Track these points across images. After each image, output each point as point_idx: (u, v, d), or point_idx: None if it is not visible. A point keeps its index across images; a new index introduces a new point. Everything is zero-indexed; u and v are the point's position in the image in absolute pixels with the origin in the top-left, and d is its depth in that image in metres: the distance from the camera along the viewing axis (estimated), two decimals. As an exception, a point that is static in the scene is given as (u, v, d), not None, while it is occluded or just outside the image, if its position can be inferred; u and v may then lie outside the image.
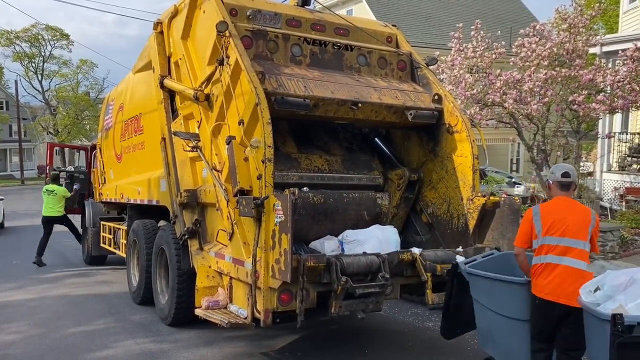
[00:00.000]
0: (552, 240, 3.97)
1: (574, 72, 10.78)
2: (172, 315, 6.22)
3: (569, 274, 3.87)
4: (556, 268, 3.91)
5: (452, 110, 5.74)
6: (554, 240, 3.96)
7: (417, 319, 6.84)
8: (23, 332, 6.37)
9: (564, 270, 3.89)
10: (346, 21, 6.18)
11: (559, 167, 4.23)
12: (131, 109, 8.30)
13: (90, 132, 51.49)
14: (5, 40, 51.93)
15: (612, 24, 26.50)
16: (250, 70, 4.79)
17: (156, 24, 6.89)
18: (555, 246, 3.94)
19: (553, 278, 3.90)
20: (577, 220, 3.98)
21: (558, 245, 3.94)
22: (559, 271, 3.89)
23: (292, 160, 5.65)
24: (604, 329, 3.32)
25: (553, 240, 3.96)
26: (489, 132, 13.92)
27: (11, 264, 11.34)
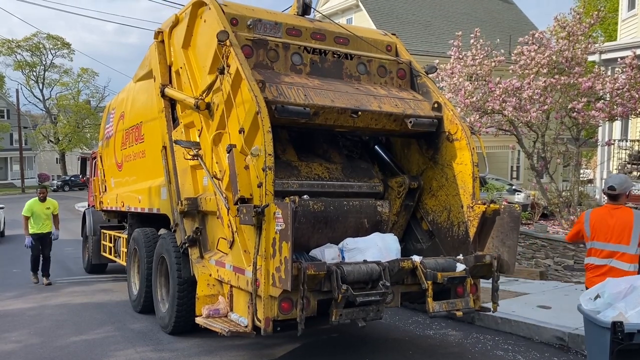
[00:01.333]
0: (599, 245, 4.65)
1: (573, 79, 10.82)
2: (172, 323, 6.21)
3: (614, 273, 4.41)
4: (603, 267, 4.58)
5: (452, 118, 5.76)
6: (600, 245, 4.64)
7: (417, 327, 6.83)
8: (23, 341, 6.36)
9: (609, 270, 4.52)
10: (346, 30, 6.21)
11: (608, 180, 4.83)
12: (132, 118, 8.33)
13: (91, 140, 51.61)
14: (6, 49, 52.21)
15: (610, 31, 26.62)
16: (250, 79, 4.82)
17: (157, 33, 6.93)
18: (602, 251, 4.63)
19: (600, 275, 4.51)
20: (618, 226, 4.56)
21: (604, 250, 4.61)
22: (605, 270, 4.54)
23: (292, 168, 5.66)
24: (604, 337, 3.33)
25: (599, 245, 4.64)
26: (489, 139, 13.96)
27: (11, 272, 11.33)
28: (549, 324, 6.13)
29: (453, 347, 6.06)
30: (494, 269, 5.19)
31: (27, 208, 9.90)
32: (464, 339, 6.30)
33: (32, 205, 9.91)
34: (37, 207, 9.90)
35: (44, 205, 9.94)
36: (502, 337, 6.28)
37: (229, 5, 5.62)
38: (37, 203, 9.93)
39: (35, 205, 9.92)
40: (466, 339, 6.29)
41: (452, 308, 4.94)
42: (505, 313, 6.51)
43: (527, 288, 8.02)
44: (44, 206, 9.93)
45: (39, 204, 9.93)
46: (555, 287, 8.31)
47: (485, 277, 5.38)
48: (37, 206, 9.91)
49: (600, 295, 3.59)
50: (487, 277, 5.33)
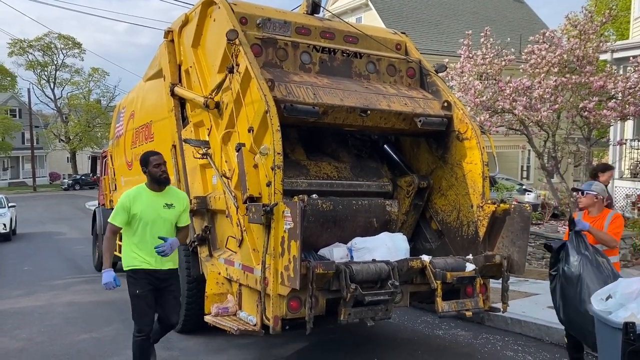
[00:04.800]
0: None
1: (585, 78, 10.72)
2: (181, 322, 6.23)
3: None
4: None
5: (462, 117, 5.73)
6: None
7: (426, 327, 6.80)
8: (33, 338, 6.41)
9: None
10: (355, 29, 6.20)
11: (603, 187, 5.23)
12: (142, 117, 8.36)
13: (101, 139, 51.99)
14: (18, 49, 52.71)
15: (622, 30, 26.36)
16: (259, 78, 4.82)
17: (167, 33, 6.96)
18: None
19: None
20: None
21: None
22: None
23: (301, 167, 5.66)
24: (615, 338, 3.29)
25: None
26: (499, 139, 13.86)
27: (22, 270, 11.44)
28: (560, 324, 6.08)
29: (462, 347, 6.03)
30: (503, 269, 5.16)
31: (121, 205, 4.61)
32: (474, 339, 6.27)
33: (138, 196, 4.66)
34: (148, 201, 4.65)
35: (162, 198, 4.68)
36: (512, 338, 6.24)
37: (238, 5, 5.63)
38: (146, 193, 4.69)
39: (144, 197, 4.66)
40: (476, 339, 6.26)
41: (462, 308, 4.91)
42: (515, 313, 6.46)
43: (537, 288, 7.97)
44: (162, 200, 4.68)
45: (152, 195, 4.68)
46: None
47: (495, 277, 5.35)
48: (147, 199, 4.66)
49: (612, 295, 3.55)
50: (496, 277, 5.30)
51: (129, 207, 4.59)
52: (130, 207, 4.59)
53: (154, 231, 4.61)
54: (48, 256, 13.35)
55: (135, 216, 4.59)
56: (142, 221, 4.60)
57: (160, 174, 4.66)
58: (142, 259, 4.61)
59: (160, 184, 4.71)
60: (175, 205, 4.74)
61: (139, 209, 4.60)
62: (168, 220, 4.70)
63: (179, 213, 4.77)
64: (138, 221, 4.60)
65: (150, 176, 4.68)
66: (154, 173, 4.66)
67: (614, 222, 4.92)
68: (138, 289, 4.61)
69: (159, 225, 4.64)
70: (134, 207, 4.60)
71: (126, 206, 4.60)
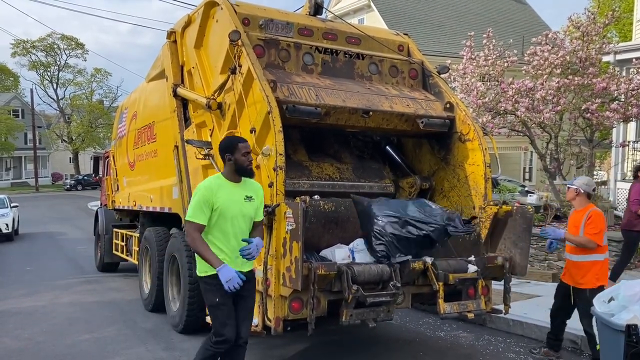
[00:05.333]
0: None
1: (587, 80, 10.71)
2: (183, 322, 6.24)
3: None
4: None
5: (464, 118, 5.72)
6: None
7: (428, 329, 6.80)
8: (35, 338, 6.42)
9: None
10: (358, 30, 6.20)
11: (592, 181, 5.35)
12: (144, 117, 8.37)
13: (103, 140, 52.09)
14: (21, 50, 52.85)
15: (625, 32, 26.33)
16: (262, 79, 4.83)
17: (170, 33, 6.97)
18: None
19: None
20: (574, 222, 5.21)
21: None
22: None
23: (303, 168, 5.66)
24: (618, 340, 3.29)
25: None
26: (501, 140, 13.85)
27: (24, 270, 11.46)
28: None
29: (464, 349, 6.02)
30: (505, 271, 5.15)
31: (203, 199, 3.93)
32: (476, 341, 6.26)
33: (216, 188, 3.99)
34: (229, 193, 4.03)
35: (242, 190, 4.09)
36: (514, 340, 6.23)
37: (240, 5, 5.63)
38: (226, 184, 4.05)
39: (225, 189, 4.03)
40: (477, 341, 6.25)
41: (464, 310, 4.90)
42: (517, 315, 6.45)
43: (539, 290, 7.95)
44: (242, 192, 4.09)
45: (232, 186, 4.06)
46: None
47: (497, 279, 5.34)
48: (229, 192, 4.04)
49: (614, 297, 3.54)
50: (499, 278, 5.28)
51: (212, 201, 3.91)
52: (213, 201, 3.91)
53: (235, 229, 3.98)
54: (50, 256, 13.37)
55: (216, 211, 3.93)
56: (223, 217, 3.94)
57: (248, 164, 4.06)
58: (226, 261, 3.91)
59: (246, 176, 4.12)
60: (255, 198, 4.14)
61: (221, 202, 3.93)
62: (248, 216, 4.07)
63: (257, 206, 4.17)
64: (218, 217, 3.94)
65: (236, 165, 4.03)
66: (242, 162, 4.02)
67: (590, 224, 5.03)
68: (218, 297, 3.95)
69: (240, 222, 4.01)
70: (216, 200, 3.92)
71: (208, 200, 3.90)
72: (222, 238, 3.96)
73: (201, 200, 3.91)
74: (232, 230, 3.96)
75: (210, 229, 3.95)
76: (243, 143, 4.09)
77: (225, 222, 3.94)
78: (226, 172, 4.10)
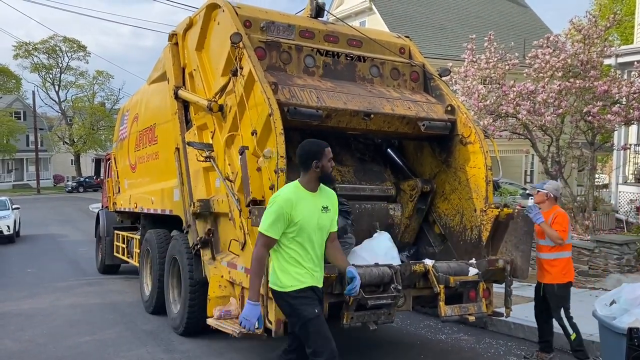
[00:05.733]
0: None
1: (589, 83, 10.70)
2: (184, 324, 6.23)
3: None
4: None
5: (465, 121, 5.72)
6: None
7: (429, 331, 6.78)
8: (35, 340, 6.42)
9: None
10: (359, 32, 6.20)
11: (560, 186, 5.64)
12: (146, 120, 8.38)
13: (105, 142, 52.12)
14: (23, 52, 52.93)
15: (627, 35, 26.32)
16: (263, 81, 4.83)
17: (171, 36, 6.98)
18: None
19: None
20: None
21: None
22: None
23: (304, 171, 5.65)
24: (620, 343, 3.28)
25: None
26: (503, 143, 13.84)
27: (25, 272, 11.46)
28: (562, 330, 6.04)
29: (465, 352, 6.01)
30: (507, 274, 5.15)
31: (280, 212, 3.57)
32: (476, 344, 6.24)
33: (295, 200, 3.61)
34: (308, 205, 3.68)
35: (318, 200, 3.75)
36: (515, 343, 6.22)
37: (242, 8, 5.64)
38: (305, 194, 3.69)
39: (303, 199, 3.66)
40: (478, 344, 6.24)
41: (465, 312, 4.89)
42: (519, 318, 6.44)
43: (540, 293, 7.92)
44: (319, 201, 3.74)
45: (310, 197, 3.70)
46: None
47: (498, 282, 5.33)
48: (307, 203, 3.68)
49: (615, 300, 3.53)
50: (500, 281, 5.28)
51: (291, 215, 3.55)
52: (292, 215, 3.55)
53: (313, 242, 3.65)
54: (51, 258, 13.38)
55: (296, 226, 3.57)
56: (302, 231, 3.59)
57: (331, 171, 3.72)
58: (308, 274, 3.61)
59: (328, 184, 3.79)
60: (330, 208, 3.76)
61: (302, 217, 3.57)
62: (325, 228, 3.72)
63: (332, 217, 3.78)
64: (297, 231, 3.58)
65: (321, 172, 3.64)
66: (327, 169, 3.65)
67: (556, 224, 5.32)
68: (316, 308, 3.60)
69: (317, 234, 3.67)
70: (295, 213, 3.55)
71: (286, 213, 3.54)
72: (300, 252, 3.63)
73: (279, 213, 3.53)
74: (310, 244, 3.64)
75: (289, 242, 3.61)
76: (328, 147, 3.73)
77: (304, 235, 3.61)
78: (306, 181, 3.66)
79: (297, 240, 3.60)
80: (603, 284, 8.72)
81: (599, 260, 9.26)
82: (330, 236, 3.80)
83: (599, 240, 9.39)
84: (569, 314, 5.37)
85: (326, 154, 3.67)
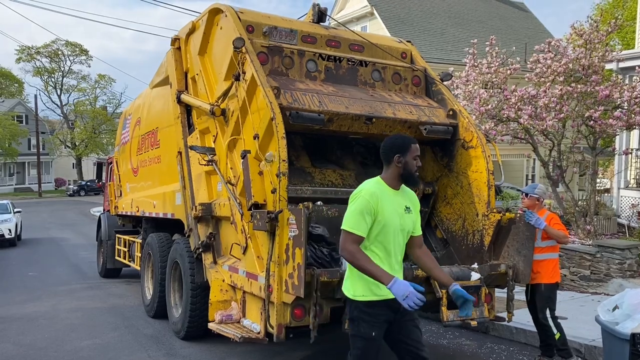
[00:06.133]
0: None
1: (590, 88, 10.70)
2: (185, 328, 6.22)
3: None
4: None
5: (467, 125, 5.73)
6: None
7: (431, 336, 6.77)
8: (36, 344, 6.41)
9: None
10: (361, 37, 6.22)
11: (547, 189, 5.52)
12: (148, 124, 8.40)
13: (106, 146, 52.22)
14: (26, 56, 53.11)
15: (628, 39, 26.35)
16: (265, 86, 4.84)
17: (174, 40, 7.00)
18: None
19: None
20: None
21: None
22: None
23: (306, 175, 5.66)
24: (623, 349, 3.26)
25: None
26: (504, 147, 13.84)
27: (27, 275, 11.46)
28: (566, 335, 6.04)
29: (467, 356, 5.99)
30: (509, 278, 5.14)
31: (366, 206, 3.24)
32: (478, 348, 6.23)
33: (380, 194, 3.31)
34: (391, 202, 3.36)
35: (401, 199, 3.44)
36: (517, 348, 6.20)
37: (245, 13, 5.66)
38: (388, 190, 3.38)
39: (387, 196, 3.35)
40: (480, 348, 6.22)
41: (467, 317, 4.89)
42: (521, 323, 6.42)
43: (542, 298, 7.91)
44: (402, 200, 3.43)
45: (393, 194, 3.39)
46: (572, 298, 8.19)
47: (500, 287, 5.32)
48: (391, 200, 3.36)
49: (618, 306, 3.52)
50: (502, 286, 5.27)
51: (376, 210, 3.23)
52: (377, 210, 3.23)
53: (395, 244, 3.33)
54: (53, 262, 13.38)
55: (379, 223, 3.24)
56: (385, 231, 3.27)
57: (416, 170, 3.40)
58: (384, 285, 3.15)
59: (411, 184, 3.44)
60: (412, 210, 3.44)
61: (386, 214, 3.25)
62: (406, 230, 3.38)
63: (415, 219, 3.47)
64: (380, 230, 3.26)
65: (404, 169, 3.34)
66: (412, 167, 3.35)
67: (556, 224, 5.35)
68: (375, 331, 3.33)
69: (399, 236, 3.34)
70: (380, 210, 3.24)
71: (372, 208, 3.22)
72: (381, 255, 3.28)
73: (364, 208, 3.21)
74: (392, 246, 3.32)
75: (370, 242, 3.26)
76: (415, 144, 3.41)
77: (387, 236, 3.28)
78: (388, 177, 3.37)
79: (379, 241, 3.27)
80: (605, 289, 8.70)
81: (601, 265, 9.24)
82: (417, 241, 3.48)
83: (601, 245, 9.38)
84: (553, 314, 5.41)
85: (412, 150, 3.36)
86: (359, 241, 3.21)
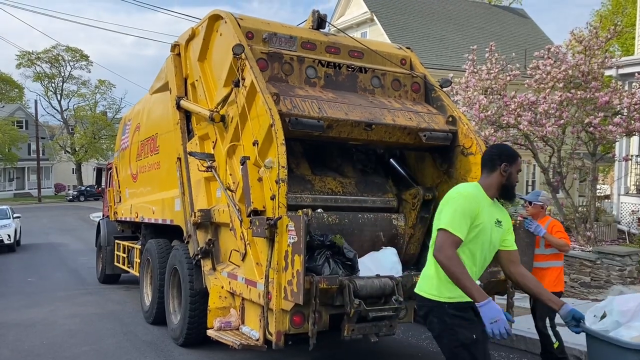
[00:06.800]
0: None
1: (590, 94, 10.71)
2: (184, 335, 6.20)
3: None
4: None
5: (467, 132, 5.72)
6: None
7: (431, 343, 6.73)
8: (34, 350, 6.38)
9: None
10: (360, 44, 6.23)
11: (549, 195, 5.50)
12: (148, 129, 8.40)
13: (106, 151, 52.26)
14: (26, 61, 53.21)
15: (628, 46, 26.43)
16: (265, 92, 4.84)
17: (174, 46, 7.01)
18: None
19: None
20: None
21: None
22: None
23: (305, 182, 5.65)
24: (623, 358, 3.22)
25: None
26: (504, 154, 13.80)
27: (26, 281, 11.43)
28: (565, 342, 5.98)
29: (467, 364, 5.95)
30: (509, 285, 5.12)
31: (468, 208, 3.08)
32: (478, 356, 6.19)
33: (480, 198, 3.17)
34: (488, 210, 3.20)
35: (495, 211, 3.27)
36: (517, 355, 6.17)
37: (244, 19, 5.67)
38: (485, 198, 3.21)
39: (484, 203, 3.19)
40: (480, 356, 6.18)
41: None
42: (520, 330, 6.40)
43: (542, 305, 7.89)
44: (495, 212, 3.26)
45: (489, 204, 3.23)
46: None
47: (500, 293, 5.30)
48: (488, 208, 3.20)
49: (607, 313, 3.48)
50: (502, 293, 5.26)
51: (476, 213, 3.06)
52: (477, 213, 3.06)
53: (484, 255, 3.18)
54: (52, 267, 13.36)
55: (476, 229, 3.07)
56: (478, 238, 3.09)
57: (514, 186, 3.27)
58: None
59: (507, 198, 3.33)
60: (504, 224, 3.26)
61: (484, 219, 3.09)
62: (494, 243, 3.21)
63: (506, 236, 3.30)
64: (474, 237, 3.07)
65: (507, 180, 3.20)
66: (514, 180, 3.23)
67: (558, 232, 5.31)
68: (476, 333, 3.02)
69: (487, 248, 3.17)
70: (480, 214, 3.08)
71: (473, 210, 3.05)
72: (468, 262, 3.07)
73: (466, 210, 3.02)
74: (479, 256, 3.14)
75: (459, 247, 3.02)
76: (521, 159, 3.31)
77: (477, 244, 3.09)
78: (488, 184, 3.20)
79: (469, 248, 3.07)
80: (605, 295, 8.68)
81: (601, 271, 9.23)
82: (513, 256, 3.28)
83: (601, 252, 9.36)
84: (553, 322, 5.38)
85: (518, 163, 3.24)
86: (458, 244, 2.99)
